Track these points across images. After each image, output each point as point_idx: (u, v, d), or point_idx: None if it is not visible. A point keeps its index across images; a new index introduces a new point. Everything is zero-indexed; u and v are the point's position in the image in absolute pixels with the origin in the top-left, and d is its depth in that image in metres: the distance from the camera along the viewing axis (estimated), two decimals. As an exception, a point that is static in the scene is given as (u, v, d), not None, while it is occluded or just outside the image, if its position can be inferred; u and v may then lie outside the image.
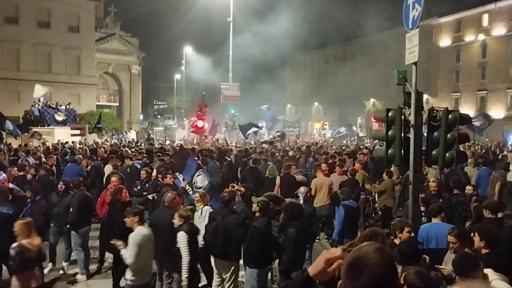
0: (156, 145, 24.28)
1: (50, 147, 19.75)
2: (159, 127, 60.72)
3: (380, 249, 1.79)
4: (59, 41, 48.19)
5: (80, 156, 14.53)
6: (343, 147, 24.00)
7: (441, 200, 8.45)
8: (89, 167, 13.60)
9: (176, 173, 10.64)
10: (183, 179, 10.26)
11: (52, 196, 9.28)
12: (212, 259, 7.20)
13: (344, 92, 68.95)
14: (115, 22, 60.87)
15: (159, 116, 73.04)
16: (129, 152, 16.64)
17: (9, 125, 21.84)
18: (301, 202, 8.42)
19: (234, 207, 7.62)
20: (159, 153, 15.09)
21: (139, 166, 12.86)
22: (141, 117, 68.66)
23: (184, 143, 27.06)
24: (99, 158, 15.38)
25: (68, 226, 8.79)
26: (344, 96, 67.62)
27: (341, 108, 65.88)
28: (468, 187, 9.30)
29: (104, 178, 12.21)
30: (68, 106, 34.29)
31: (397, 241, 5.51)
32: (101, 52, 57.19)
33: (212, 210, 7.68)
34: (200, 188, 9.69)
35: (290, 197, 8.37)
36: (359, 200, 12.15)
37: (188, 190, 9.90)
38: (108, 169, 12.89)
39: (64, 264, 9.04)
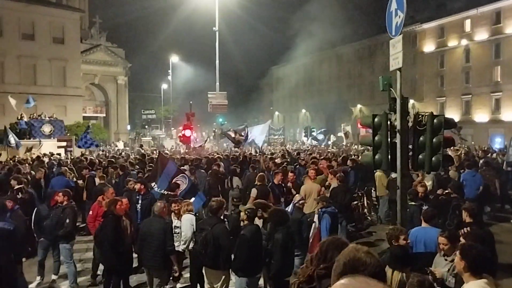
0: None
1: (30, 159, 19.62)
2: (146, 137, 60.47)
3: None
4: (44, 53, 47.95)
5: (67, 168, 14.38)
6: (330, 154, 24.05)
7: (424, 204, 8.52)
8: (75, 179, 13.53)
9: (151, 183, 10.39)
10: (159, 188, 10.14)
11: (41, 209, 9.17)
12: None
13: (331, 99, 69.43)
14: (101, 33, 60.75)
15: (146, 126, 72.72)
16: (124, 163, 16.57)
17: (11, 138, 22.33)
18: (289, 208, 8.44)
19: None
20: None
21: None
22: (129, 127, 68.33)
23: (173, 153, 26.97)
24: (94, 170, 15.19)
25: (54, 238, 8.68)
26: (331, 102, 68.06)
27: (328, 114, 66.21)
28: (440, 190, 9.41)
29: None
30: (51, 118, 34.02)
31: None
32: (87, 63, 56.99)
33: (192, 217, 7.68)
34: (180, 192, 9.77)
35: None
36: (350, 205, 12.25)
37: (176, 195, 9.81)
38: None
39: (54, 277, 8.89)
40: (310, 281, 3.29)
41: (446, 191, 9.77)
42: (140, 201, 9.45)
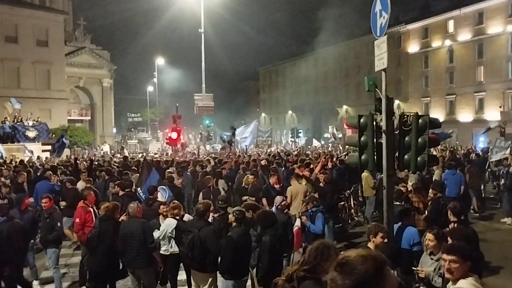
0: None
1: (15, 163, 19.34)
2: (133, 140, 60.10)
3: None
4: (28, 56, 47.41)
5: (50, 172, 14.16)
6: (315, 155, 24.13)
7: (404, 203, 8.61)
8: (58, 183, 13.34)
9: (137, 188, 10.60)
10: (143, 193, 10.26)
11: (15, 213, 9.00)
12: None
13: (317, 100, 69.69)
14: (85, 35, 60.25)
15: (132, 129, 72.30)
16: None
17: None
18: (273, 210, 8.44)
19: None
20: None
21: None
22: (114, 130, 67.85)
23: (159, 156, 26.85)
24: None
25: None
26: (317, 103, 68.32)
27: (314, 115, 66.46)
28: (431, 191, 9.47)
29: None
30: (36, 121, 33.61)
31: (370, 245, 5.53)
32: (72, 66, 56.49)
33: (173, 223, 7.64)
34: None
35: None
36: (337, 205, 12.31)
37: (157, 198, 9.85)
38: (81, 185, 12.53)
39: (36, 282, 8.75)
40: (290, 280, 3.33)
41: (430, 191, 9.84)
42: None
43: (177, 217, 7.75)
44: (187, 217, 8.30)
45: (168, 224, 7.62)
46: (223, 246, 6.39)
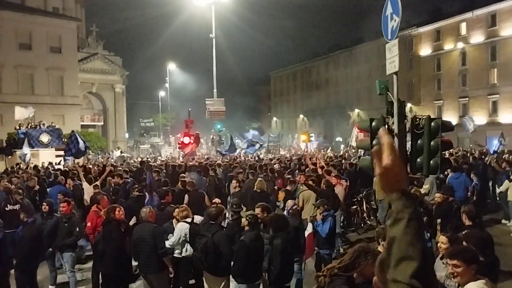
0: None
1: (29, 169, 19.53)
2: (145, 145, 60.42)
3: None
4: (41, 63, 47.96)
5: (63, 177, 14.27)
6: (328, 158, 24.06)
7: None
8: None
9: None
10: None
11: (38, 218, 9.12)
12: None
13: (329, 104, 69.56)
14: (98, 41, 60.84)
15: (145, 134, 72.74)
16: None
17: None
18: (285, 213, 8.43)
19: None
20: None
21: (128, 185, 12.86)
22: (127, 135, 68.31)
23: (171, 160, 26.98)
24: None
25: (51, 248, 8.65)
26: (329, 107, 68.20)
27: (326, 119, 66.32)
28: (437, 194, 9.34)
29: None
30: (51, 126, 33.90)
31: (380, 249, 5.44)
32: (84, 72, 57.03)
33: (186, 226, 7.66)
34: None
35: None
36: (337, 210, 12.26)
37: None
38: (87, 188, 12.43)
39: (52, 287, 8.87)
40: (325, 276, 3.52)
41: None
42: None
43: (188, 220, 7.77)
44: (197, 218, 8.29)
45: (181, 229, 7.64)
46: (236, 250, 6.41)
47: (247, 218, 6.73)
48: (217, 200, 8.75)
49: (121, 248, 7.32)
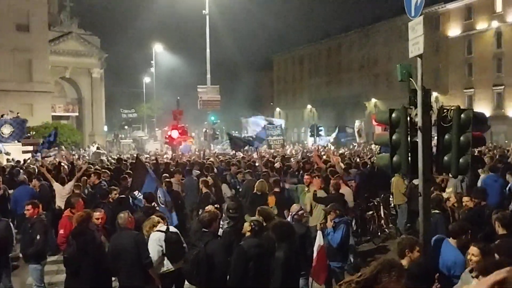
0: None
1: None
2: (127, 140, 60.45)
3: None
4: (6, 42, 47.69)
5: (25, 176, 14.22)
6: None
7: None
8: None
9: (134, 192, 10.71)
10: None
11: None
12: None
13: (341, 92, 69.47)
14: (72, 18, 60.71)
15: (126, 127, 72.77)
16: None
17: None
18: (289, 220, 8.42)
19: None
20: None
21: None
22: (106, 128, 68.29)
23: (156, 157, 26.94)
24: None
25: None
26: (341, 96, 68.12)
27: (338, 110, 66.29)
28: (466, 198, 9.09)
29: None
30: (17, 117, 33.80)
31: (404, 262, 5.39)
32: (56, 54, 56.88)
33: (160, 236, 7.53)
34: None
35: None
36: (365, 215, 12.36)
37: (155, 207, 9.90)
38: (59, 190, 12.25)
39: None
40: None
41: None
42: None
43: (162, 229, 7.60)
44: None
45: (157, 238, 7.45)
46: (232, 258, 6.39)
47: (252, 223, 6.69)
48: (210, 206, 8.64)
49: (99, 262, 7.22)
